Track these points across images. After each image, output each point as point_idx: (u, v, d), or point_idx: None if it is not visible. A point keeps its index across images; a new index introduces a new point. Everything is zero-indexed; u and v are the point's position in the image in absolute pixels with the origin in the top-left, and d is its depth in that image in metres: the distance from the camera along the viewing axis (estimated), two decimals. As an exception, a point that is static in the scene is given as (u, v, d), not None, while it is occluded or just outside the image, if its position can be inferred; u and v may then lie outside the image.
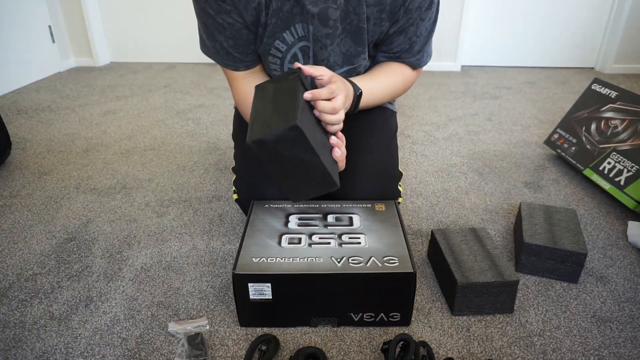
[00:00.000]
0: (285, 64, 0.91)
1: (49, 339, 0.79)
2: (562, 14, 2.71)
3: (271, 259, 0.78)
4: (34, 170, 1.45)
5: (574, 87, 2.42)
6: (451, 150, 1.60)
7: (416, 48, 0.91)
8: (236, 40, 0.86)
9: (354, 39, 0.85)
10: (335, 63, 0.89)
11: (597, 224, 1.15)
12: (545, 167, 1.47)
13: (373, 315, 0.80)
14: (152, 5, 2.79)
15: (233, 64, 0.90)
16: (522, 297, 0.89)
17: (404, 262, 0.77)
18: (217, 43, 0.87)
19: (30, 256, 1.02)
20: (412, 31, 0.87)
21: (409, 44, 0.90)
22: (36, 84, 2.48)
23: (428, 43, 0.93)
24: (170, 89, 2.37)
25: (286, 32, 0.84)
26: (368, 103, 0.92)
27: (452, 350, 0.77)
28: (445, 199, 1.27)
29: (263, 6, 0.81)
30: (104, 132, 1.78)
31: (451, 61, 2.81)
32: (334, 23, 0.81)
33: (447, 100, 2.19)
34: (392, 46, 0.90)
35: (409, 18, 0.84)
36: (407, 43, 0.89)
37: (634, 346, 0.78)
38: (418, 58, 0.94)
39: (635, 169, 1.19)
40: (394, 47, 0.91)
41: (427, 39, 0.91)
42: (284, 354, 0.76)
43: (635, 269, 0.98)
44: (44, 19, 2.60)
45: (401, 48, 0.91)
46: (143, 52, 2.95)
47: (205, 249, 1.04)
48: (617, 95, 1.38)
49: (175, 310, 0.86)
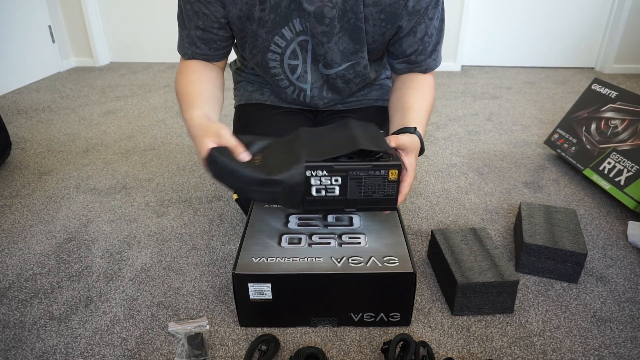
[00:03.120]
0: (285, 60, 0.91)
1: (49, 339, 0.79)
2: (562, 14, 2.71)
3: (271, 259, 0.78)
4: (34, 170, 1.45)
5: (574, 87, 2.42)
6: (451, 150, 1.60)
7: (429, 48, 0.90)
8: (205, 32, 0.86)
9: (352, 37, 0.85)
10: (333, 61, 0.89)
11: (597, 224, 1.15)
12: (545, 167, 1.47)
13: (373, 315, 0.80)
14: (152, 5, 2.79)
15: (192, 54, 0.90)
16: (522, 297, 0.89)
17: (404, 262, 0.77)
18: (185, 30, 0.87)
19: (30, 256, 1.02)
20: (422, 31, 0.86)
21: (421, 44, 0.89)
22: (36, 84, 2.48)
23: (440, 42, 0.92)
24: (170, 89, 2.37)
25: (285, 27, 0.85)
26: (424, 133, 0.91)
27: (452, 350, 0.77)
28: (445, 199, 1.27)
29: (257, 1, 0.81)
30: (104, 132, 1.78)
31: (451, 61, 2.81)
32: (330, 21, 0.81)
33: (447, 100, 2.19)
34: (404, 48, 0.89)
35: (417, 18, 0.84)
36: (420, 44, 0.88)
37: (634, 346, 0.78)
38: (434, 58, 0.93)
39: (636, 169, 1.19)
40: (406, 50, 0.89)
41: (439, 38, 0.90)
42: (284, 354, 0.76)
43: (635, 269, 0.98)
44: (44, 19, 2.60)
45: (414, 50, 0.89)
46: (143, 52, 2.95)
47: (205, 249, 1.04)
48: (617, 95, 1.38)
49: (175, 310, 0.86)
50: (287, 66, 0.92)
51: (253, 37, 0.87)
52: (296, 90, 0.98)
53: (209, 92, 0.86)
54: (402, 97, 0.91)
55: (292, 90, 0.98)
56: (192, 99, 0.82)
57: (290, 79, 0.95)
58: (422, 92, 0.92)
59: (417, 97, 0.90)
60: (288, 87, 0.97)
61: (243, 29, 0.86)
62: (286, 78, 0.95)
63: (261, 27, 0.84)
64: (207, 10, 0.82)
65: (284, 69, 0.92)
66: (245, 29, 0.86)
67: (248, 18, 0.83)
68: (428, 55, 0.91)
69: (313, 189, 0.72)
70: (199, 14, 0.83)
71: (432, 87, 0.95)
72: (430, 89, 0.94)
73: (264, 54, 0.89)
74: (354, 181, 0.72)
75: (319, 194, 0.72)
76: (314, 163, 0.70)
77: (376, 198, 0.74)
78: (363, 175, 0.71)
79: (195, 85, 0.86)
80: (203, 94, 0.84)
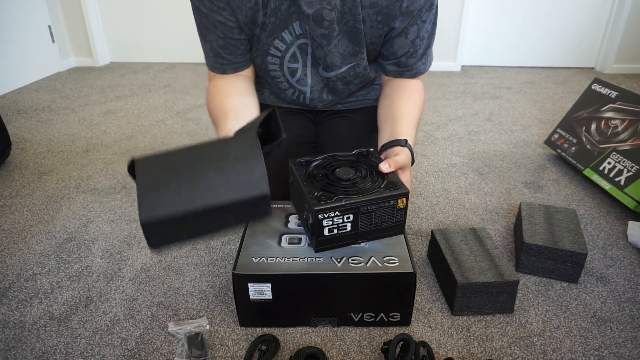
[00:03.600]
0: (285, 64, 0.91)
1: (49, 339, 0.79)
2: (562, 14, 2.71)
3: (271, 259, 0.78)
4: (33, 170, 1.45)
5: (574, 87, 2.42)
6: (451, 150, 1.60)
7: (420, 52, 0.90)
8: (226, 40, 0.86)
9: (351, 39, 0.85)
10: (333, 63, 0.89)
11: (597, 224, 1.15)
12: (545, 167, 1.47)
13: (373, 316, 0.80)
14: (152, 5, 2.79)
15: (221, 67, 0.90)
16: (522, 297, 0.89)
17: (404, 262, 0.77)
18: (207, 44, 0.87)
19: (30, 256, 1.02)
20: (414, 33, 0.86)
21: (412, 47, 0.89)
22: (36, 84, 2.48)
23: (430, 46, 0.92)
24: (170, 89, 2.37)
25: (285, 31, 0.85)
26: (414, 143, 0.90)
27: (452, 350, 0.77)
28: (445, 199, 1.27)
29: (260, 6, 0.81)
30: (104, 132, 1.78)
31: (451, 61, 2.81)
32: (329, 24, 0.81)
33: (447, 100, 2.19)
34: (395, 49, 0.89)
35: (409, 19, 0.84)
36: (411, 46, 0.88)
37: (634, 346, 0.78)
38: (424, 62, 0.93)
39: (636, 169, 1.19)
40: (397, 51, 0.89)
41: (430, 42, 0.91)
42: (284, 354, 0.76)
43: (635, 269, 0.98)
44: (44, 19, 2.59)
45: (405, 52, 0.89)
46: (143, 52, 2.95)
47: (205, 249, 1.04)
48: (617, 95, 1.38)
49: (175, 310, 0.86)
50: (287, 69, 0.92)
51: (256, 41, 0.87)
52: (296, 93, 0.98)
53: (237, 105, 0.85)
54: (392, 105, 0.92)
55: (292, 92, 0.98)
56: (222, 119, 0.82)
57: (290, 81, 0.95)
58: (412, 100, 0.92)
59: (407, 105, 0.91)
60: (288, 89, 0.97)
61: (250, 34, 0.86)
62: (286, 81, 0.95)
63: (262, 30, 0.85)
64: (221, 18, 0.82)
65: (283, 72, 0.92)
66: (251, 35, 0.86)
67: (253, 23, 0.83)
68: (418, 58, 0.91)
69: (325, 229, 0.72)
70: (215, 23, 0.83)
71: (422, 93, 0.95)
72: (419, 95, 0.94)
73: (264, 57, 0.89)
74: (365, 215, 0.72)
75: (331, 233, 0.73)
76: (324, 206, 0.69)
77: (386, 226, 0.75)
78: (374, 208, 0.72)
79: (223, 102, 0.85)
80: (233, 110, 0.83)
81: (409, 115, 0.89)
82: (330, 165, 0.79)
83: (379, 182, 0.73)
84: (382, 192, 0.71)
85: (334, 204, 0.69)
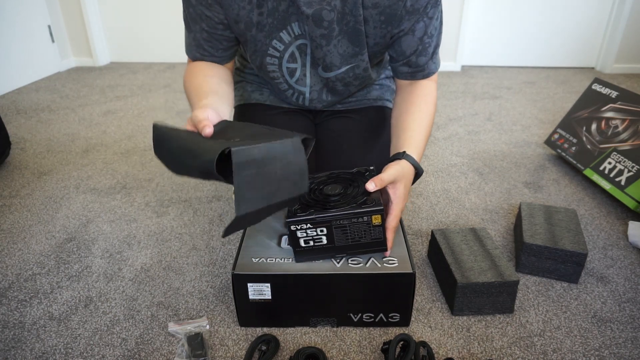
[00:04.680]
0: (284, 64, 0.90)
1: (49, 339, 0.79)
2: (562, 14, 2.71)
3: (271, 259, 0.78)
4: (33, 170, 1.45)
5: (574, 87, 2.42)
6: (451, 150, 1.60)
7: (430, 50, 0.89)
8: (210, 34, 0.86)
9: (351, 40, 0.85)
10: (332, 64, 0.88)
11: (598, 224, 1.15)
12: (545, 167, 1.47)
13: (372, 316, 0.80)
14: (152, 5, 2.79)
15: (201, 57, 0.90)
16: (522, 297, 0.89)
17: (404, 262, 0.77)
18: (191, 33, 0.87)
19: (30, 256, 1.02)
20: (421, 30, 0.85)
21: (421, 44, 0.87)
22: (36, 83, 2.48)
23: (438, 45, 0.90)
24: (170, 89, 2.37)
25: (283, 31, 0.84)
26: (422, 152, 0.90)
27: (452, 350, 0.77)
28: (445, 199, 1.27)
29: (254, 5, 0.80)
30: (104, 132, 1.78)
31: (451, 61, 2.81)
32: (328, 24, 0.81)
33: (447, 100, 2.19)
34: (403, 48, 0.88)
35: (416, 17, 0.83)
36: (419, 43, 0.87)
37: (634, 346, 0.78)
38: (434, 61, 0.92)
39: (636, 169, 1.19)
40: (405, 50, 0.88)
41: (438, 40, 0.89)
42: (284, 354, 0.76)
43: (635, 269, 0.98)
44: (44, 18, 2.59)
45: (414, 50, 0.88)
46: (143, 52, 2.95)
47: (205, 249, 1.04)
48: (617, 95, 1.38)
49: (175, 310, 0.86)
50: (286, 70, 0.92)
51: (253, 42, 0.86)
52: (295, 93, 0.97)
53: (216, 87, 0.84)
54: (400, 116, 0.91)
55: (291, 93, 0.98)
56: (199, 97, 0.81)
57: (289, 82, 0.94)
58: (420, 108, 0.91)
59: (415, 115, 0.90)
60: (287, 90, 0.97)
61: (242, 33, 0.86)
62: (285, 81, 0.94)
63: (259, 31, 0.84)
64: (209, 12, 0.82)
65: (282, 72, 0.92)
66: (245, 34, 0.86)
67: (246, 23, 0.83)
68: (429, 56, 0.89)
69: (301, 240, 0.75)
70: (202, 16, 0.83)
71: (433, 96, 0.94)
72: (431, 99, 0.92)
73: (263, 58, 0.89)
74: (338, 229, 0.74)
75: (307, 244, 0.75)
76: (296, 218, 0.72)
77: (364, 242, 0.76)
78: (347, 223, 0.73)
79: (202, 83, 0.85)
80: (211, 90, 0.82)
81: (414, 125, 0.88)
82: (326, 182, 0.81)
83: (359, 199, 0.74)
84: (354, 207, 0.73)
85: (305, 217, 0.72)
